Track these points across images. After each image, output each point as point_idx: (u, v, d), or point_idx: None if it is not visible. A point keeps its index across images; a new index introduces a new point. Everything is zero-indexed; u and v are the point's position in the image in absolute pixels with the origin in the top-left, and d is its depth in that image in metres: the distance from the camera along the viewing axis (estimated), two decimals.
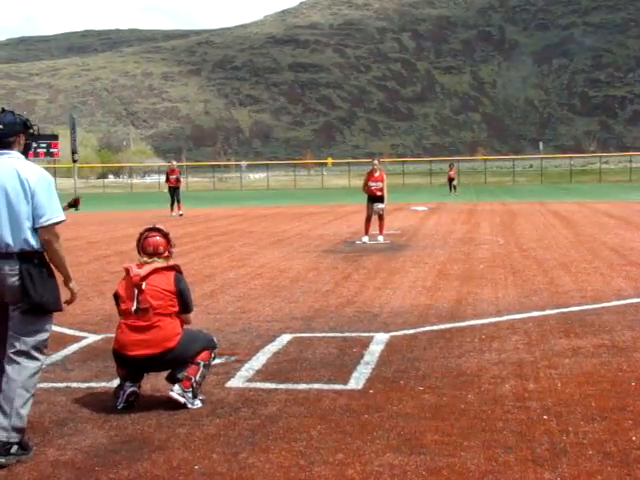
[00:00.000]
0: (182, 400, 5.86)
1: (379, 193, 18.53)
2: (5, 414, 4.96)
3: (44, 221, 5.07)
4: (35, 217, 5.08)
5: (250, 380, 6.62)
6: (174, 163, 34.53)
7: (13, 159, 5.18)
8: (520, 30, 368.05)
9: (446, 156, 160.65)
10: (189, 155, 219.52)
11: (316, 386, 6.38)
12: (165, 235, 6.22)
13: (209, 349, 6.11)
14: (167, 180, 32.06)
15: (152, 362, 5.89)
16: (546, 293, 10.73)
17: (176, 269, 6.13)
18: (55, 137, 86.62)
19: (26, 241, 5.05)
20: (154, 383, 6.44)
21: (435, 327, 8.66)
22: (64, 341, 8.22)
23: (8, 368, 5.05)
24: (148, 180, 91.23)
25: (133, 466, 4.77)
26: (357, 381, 6.50)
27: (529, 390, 6.12)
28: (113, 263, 15.02)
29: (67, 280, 5.29)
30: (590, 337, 7.95)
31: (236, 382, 6.56)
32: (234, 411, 5.79)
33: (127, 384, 5.86)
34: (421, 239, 18.94)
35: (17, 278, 5.00)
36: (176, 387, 5.91)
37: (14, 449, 4.97)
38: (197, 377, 5.95)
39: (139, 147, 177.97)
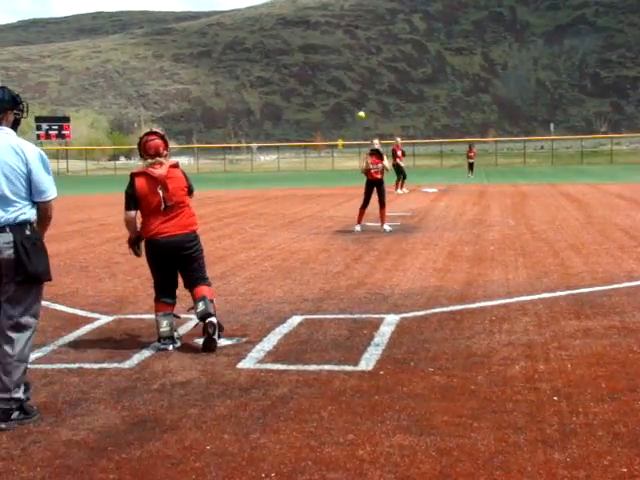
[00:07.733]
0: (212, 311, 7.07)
1: (379, 176, 17.39)
2: (6, 388, 5.15)
3: (45, 197, 5.29)
4: (36, 193, 5.25)
5: (261, 361, 6.64)
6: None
7: (8, 135, 5.26)
8: (531, 11, 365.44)
9: (457, 137, 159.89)
10: (200, 137, 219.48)
11: (327, 367, 6.40)
12: (162, 137, 7.12)
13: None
14: None
15: (180, 245, 7.01)
16: (556, 275, 10.71)
17: (177, 165, 7.17)
18: (67, 119, 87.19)
19: (20, 214, 5.16)
20: (165, 364, 6.50)
21: (445, 309, 8.67)
22: (76, 322, 8.27)
23: (3, 344, 5.18)
24: None
25: (145, 446, 4.81)
26: (367, 362, 6.51)
27: (539, 371, 6.13)
28: (125, 245, 14.93)
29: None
30: (600, 318, 7.95)
31: (247, 363, 6.58)
32: (245, 392, 5.81)
33: (167, 342, 7.02)
34: (432, 221, 18.92)
35: (12, 251, 5.10)
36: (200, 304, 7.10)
37: (15, 414, 5.16)
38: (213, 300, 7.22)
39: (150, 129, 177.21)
